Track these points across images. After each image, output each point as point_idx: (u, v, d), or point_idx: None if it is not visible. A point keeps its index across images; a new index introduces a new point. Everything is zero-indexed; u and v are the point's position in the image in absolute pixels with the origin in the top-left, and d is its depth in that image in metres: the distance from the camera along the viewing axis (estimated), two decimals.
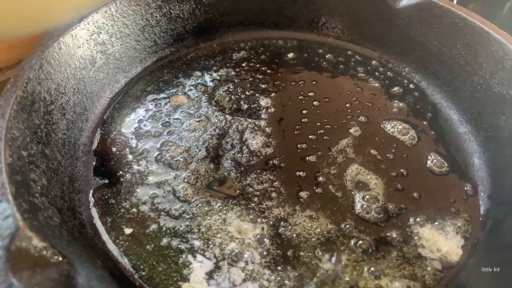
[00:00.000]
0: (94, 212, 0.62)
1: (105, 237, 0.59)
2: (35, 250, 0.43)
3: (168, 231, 0.60)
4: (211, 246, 0.58)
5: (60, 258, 0.43)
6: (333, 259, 0.56)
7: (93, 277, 0.47)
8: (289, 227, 0.60)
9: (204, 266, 0.56)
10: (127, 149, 0.71)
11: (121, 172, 0.67)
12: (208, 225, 0.60)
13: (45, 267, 0.42)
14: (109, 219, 0.61)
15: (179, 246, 0.58)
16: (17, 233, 0.43)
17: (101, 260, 0.54)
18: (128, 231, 0.60)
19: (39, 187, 0.54)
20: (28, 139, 0.57)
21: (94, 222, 0.61)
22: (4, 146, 0.51)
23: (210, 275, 0.55)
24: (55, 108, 0.66)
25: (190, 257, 0.57)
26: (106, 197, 0.64)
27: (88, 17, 0.75)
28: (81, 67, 0.74)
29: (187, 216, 0.61)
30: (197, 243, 0.58)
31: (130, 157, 0.69)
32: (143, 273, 0.55)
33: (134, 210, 0.62)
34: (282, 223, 0.60)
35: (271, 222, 0.60)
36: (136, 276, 0.55)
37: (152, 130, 0.74)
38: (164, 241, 0.58)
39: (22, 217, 0.44)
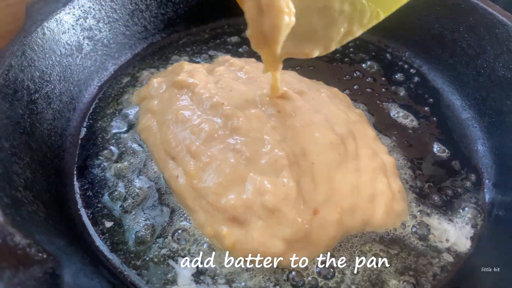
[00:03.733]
0: (81, 205, 0.59)
1: (92, 231, 0.57)
2: (17, 247, 0.40)
3: (149, 229, 0.56)
4: (194, 246, 0.55)
5: (45, 255, 0.41)
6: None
7: (81, 275, 0.44)
8: None
9: (188, 268, 0.53)
10: (115, 139, 0.68)
11: (108, 163, 0.64)
12: (189, 226, 0.57)
13: (29, 265, 0.39)
14: (96, 213, 0.58)
15: (162, 247, 0.55)
16: None
17: (90, 256, 0.52)
18: (108, 224, 0.57)
19: (22, 180, 0.51)
20: (10, 130, 0.54)
21: (81, 215, 0.58)
22: None
23: (197, 277, 0.52)
24: (40, 97, 0.62)
25: (171, 262, 0.53)
26: (94, 190, 0.61)
27: (74, 0, 0.71)
28: (67, 54, 0.70)
29: (169, 215, 0.58)
30: (177, 245, 0.55)
31: (118, 148, 0.66)
32: (134, 271, 0.53)
33: (121, 204, 0.59)
34: None
35: None
36: (126, 273, 0.53)
37: None
38: (148, 240, 0.55)
39: (3, 212, 0.42)
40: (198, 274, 0.52)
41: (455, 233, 0.56)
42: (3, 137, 0.52)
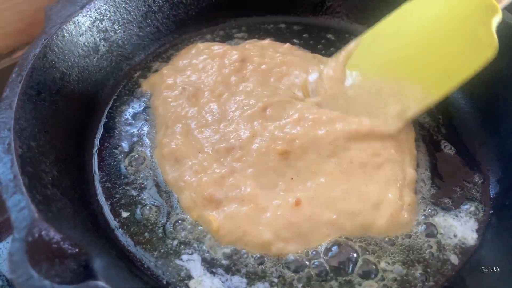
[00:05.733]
0: (102, 201, 0.62)
1: (114, 226, 0.59)
2: (52, 241, 0.42)
3: (162, 219, 0.59)
4: (202, 241, 0.57)
5: (77, 249, 0.43)
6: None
7: (110, 267, 0.47)
8: None
9: (197, 261, 0.55)
10: (130, 137, 0.70)
11: (125, 158, 0.67)
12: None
13: (64, 258, 0.42)
14: (116, 208, 0.61)
15: (174, 239, 0.58)
16: (33, 225, 0.43)
17: (115, 249, 0.54)
18: (126, 216, 0.60)
19: (50, 178, 0.53)
20: (36, 130, 0.56)
21: (104, 212, 0.61)
22: (14, 137, 0.50)
23: (208, 268, 0.55)
24: (61, 97, 0.65)
25: (184, 252, 0.56)
26: (112, 185, 0.64)
27: (90, 3, 0.73)
28: (85, 55, 0.72)
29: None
30: (183, 235, 0.58)
31: (133, 143, 0.69)
32: (152, 263, 0.55)
33: (140, 197, 0.62)
34: None
35: None
36: (145, 266, 0.55)
37: None
38: (161, 232, 0.58)
39: (37, 208, 0.44)
40: (209, 264, 0.55)
41: (461, 228, 0.59)
42: (31, 137, 0.54)
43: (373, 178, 0.59)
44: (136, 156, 0.67)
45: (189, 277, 0.54)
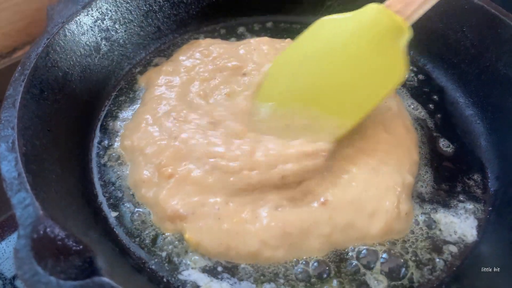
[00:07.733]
0: (103, 200, 0.62)
1: (114, 224, 0.59)
2: (57, 238, 0.43)
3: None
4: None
5: (81, 246, 0.44)
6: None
7: (115, 264, 0.47)
8: None
9: (198, 272, 0.55)
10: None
11: (128, 160, 0.67)
12: None
13: (68, 254, 0.42)
14: (117, 207, 0.61)
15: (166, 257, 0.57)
16: (38, 222, 0.43)
17: (118, 247, 0.55)
18: (114, 214, 0.60)
19: (54, 176, 0.54)
20: (39, 128, 0.57)
21: (104, 209, 0.61)
22: (18, 136, 0.51)
23: (209, 273, 0.54)
24: (63, 96, 0.65)
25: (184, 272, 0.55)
26: (113, 184, 0.64)
27: (92, 3, 0.73)
28: (86, 55, 0.73)
29: None
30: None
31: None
32: (153, 262, 0.55)
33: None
34: None
35: None
36: (146, 264, 0.55)
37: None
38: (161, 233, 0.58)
39: (42, 206, 0.44)
40: (211, 271, 0.54)
41: (461, 225, 0.59)
42: (34, 136, 0.54)
43: (372, 184, 0.57)
44: None
45: (197, 286, 0.53)
